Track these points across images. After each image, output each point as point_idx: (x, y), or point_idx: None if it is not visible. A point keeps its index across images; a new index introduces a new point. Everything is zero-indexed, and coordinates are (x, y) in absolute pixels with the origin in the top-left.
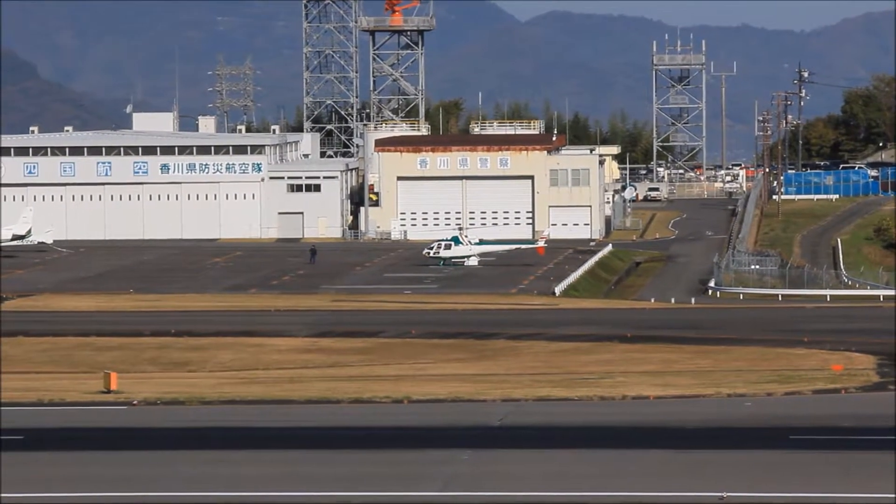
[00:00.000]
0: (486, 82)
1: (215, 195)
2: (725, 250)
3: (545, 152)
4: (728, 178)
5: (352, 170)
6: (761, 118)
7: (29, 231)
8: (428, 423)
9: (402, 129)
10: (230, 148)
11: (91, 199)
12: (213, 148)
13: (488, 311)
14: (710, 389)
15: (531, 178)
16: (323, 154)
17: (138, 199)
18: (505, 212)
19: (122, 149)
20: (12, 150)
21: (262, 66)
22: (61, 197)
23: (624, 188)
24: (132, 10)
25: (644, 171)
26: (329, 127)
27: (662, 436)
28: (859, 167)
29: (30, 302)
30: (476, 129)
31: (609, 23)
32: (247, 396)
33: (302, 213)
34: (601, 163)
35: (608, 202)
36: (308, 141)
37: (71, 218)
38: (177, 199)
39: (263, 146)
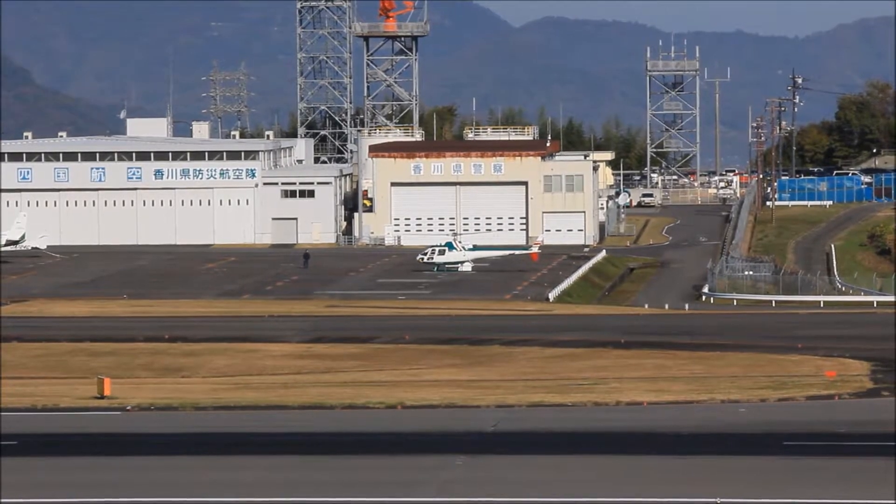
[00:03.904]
0: (481, 88)
1: (209, 201)
2: (719, 256)
3: (539, 158)
4: (722, 184)
5: (346, 175)
6: (755, 124)
7: (23, 236)
8: (422, 429)
9: (396, 135)
10: (224, 153)
11: (85, 204)
12: (206, 153)
13: (482, 317)
14: (704, 395)
15: (525, 183)
16: (317, 160)
17: (132, 204)
18: (499, 218)
19: (115, 154)
20: (6, 155)
21: (257, 71)
22: (55, 202)
23: (618, 194)
24: (127, 15)
25: (638, 177)
26: (323, 132)
27: (656, 441)
28: (853, 173)
29: (24, 307)
30: (470, 135)
31: (603, 28)
32: (241, 402)
33: (296, 218)
34: (595, 169)
35: (602, 208)
36: (302, 146)
37: (65, 223)
38: (171, 204)
39: (257, 152)
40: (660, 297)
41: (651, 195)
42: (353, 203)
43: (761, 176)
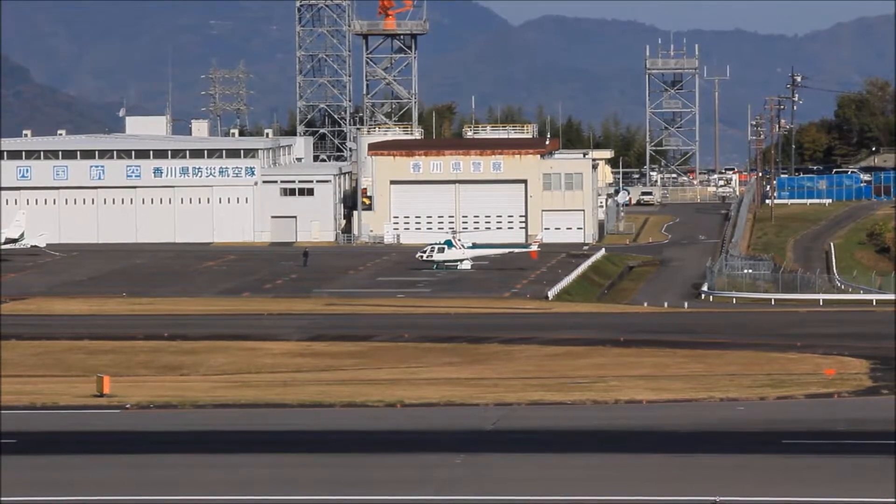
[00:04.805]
0: (480, 86)
1: (208, 199)
2: (718, 254)
3: (538, 156)
4: (721, 183)
5: (345, 174)
6: (754, 122)
7: (22, 234)
8: (421, 427)
9: (395, 133)
10: (223, 152)
11: (84, 202)
12: (206, 151)
13: (481, 315)
14: (703, 393)
15: (524, 181)
16: (316, 158)
17: (131, 202)
18: (498, 216)
19: (115, 152)
20: (5, 153)
21: (256, 69)
22: (54, 200)
23: (617, 192)
24: (126, 14)
25: (637, 176)
26: (322, 131)
27: (655, 440)
28: (852, 171)
29: (23, 305)
30: (469, 133)
31: (602, 27)
32: (240, 400)
33: (295, 216)
34: (594, 167)
35: (601, 206)
36: (301, 145)
37: (64, 221)
38: (170, 202)
39: (256, 150)
40: (659, 296)
41: (650, 193)
42: (352, 201)
43: (760, 174)
